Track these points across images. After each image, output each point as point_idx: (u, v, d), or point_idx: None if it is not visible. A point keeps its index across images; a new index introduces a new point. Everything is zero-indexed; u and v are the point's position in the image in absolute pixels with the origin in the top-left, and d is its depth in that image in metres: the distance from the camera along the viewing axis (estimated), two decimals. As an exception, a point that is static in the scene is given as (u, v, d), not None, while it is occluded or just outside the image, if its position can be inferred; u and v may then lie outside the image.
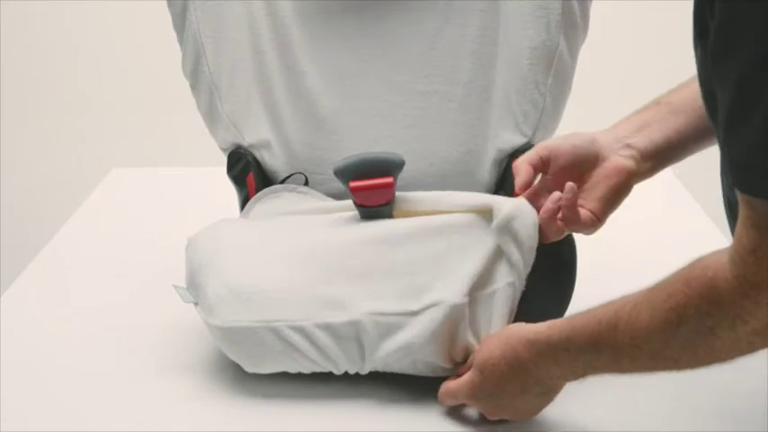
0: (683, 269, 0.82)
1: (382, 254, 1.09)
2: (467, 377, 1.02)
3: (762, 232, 0.76)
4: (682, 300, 0.81)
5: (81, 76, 2.53)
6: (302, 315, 1.06)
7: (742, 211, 0.77)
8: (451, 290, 1.05)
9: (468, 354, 1.06)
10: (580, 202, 1.06)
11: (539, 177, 1.09)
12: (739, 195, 0.77)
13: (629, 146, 1.07)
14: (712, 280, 0.79)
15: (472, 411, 1.05)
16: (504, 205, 1.06)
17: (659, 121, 1.07)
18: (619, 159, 1.07)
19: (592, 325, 0.89)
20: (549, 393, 0.99)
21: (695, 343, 0.82)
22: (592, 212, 1.06)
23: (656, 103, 1.10)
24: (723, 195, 0.93)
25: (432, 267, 1.07)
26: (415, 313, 1.05)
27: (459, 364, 1.06)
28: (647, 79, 2.41)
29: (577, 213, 1.04)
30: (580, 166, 1.07)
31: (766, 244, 0.75)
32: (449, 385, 1.04)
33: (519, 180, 1.07)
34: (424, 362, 1.06)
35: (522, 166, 1.07)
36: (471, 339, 1.06)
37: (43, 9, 2.48)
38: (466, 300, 1.05)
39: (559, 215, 1.04)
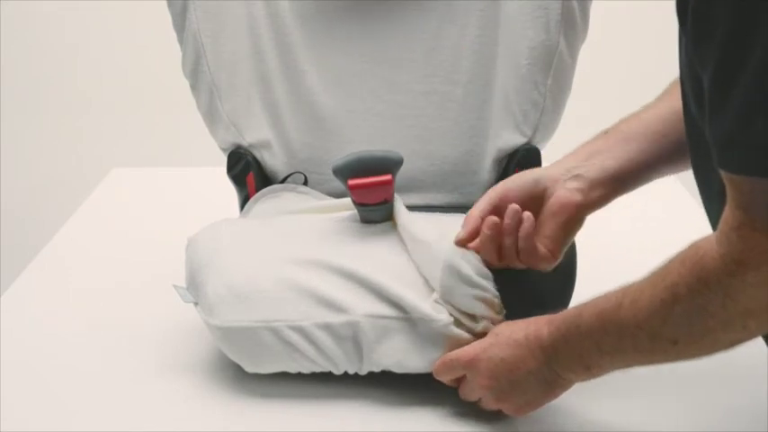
0: (681, 250, 0.84)
1: (381, 257, 1.09)
2: (476, 341, 1.01)
3: (745, 211, 0.77)
4: (676, 278, 0.82)
5: (81, 76, 2.53)
6: (302, 315, 1.05)
7: (728, 192, 0.78)
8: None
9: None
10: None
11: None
12: (723, 175, 0.78)
13: (577, 176, 1.05)
14: (702, 258, 0.80)
15: (474, 414, 1.05)
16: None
17: (610, 148, 1.06)
18: (564, 194, 1.04)
19: (601, 303, 0.91)
20: (553, 386, 0.97)
21: (690, 322, 0.83)
22: (547, 249, 1.05)
23: (605, 133, 1.08)
24: (701, 195, 0.94)
25: (430, 281, 1.06)
26: (410, 319, 1.05)
27: None
28: (647, 79, 2.41)
29: (534, 246, 1.03)
30: (530, 205, 1.05)
31: (750, 222, 0.76)
32: (448, 354, 1.03)
33: (465, 231, 1.05)
34: (419, 363, 1.06)
35: (471, 219, 1.06)
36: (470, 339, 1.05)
37: (43, 9, 2.48)
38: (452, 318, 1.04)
39: (519, 245, 1.03)
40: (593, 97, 2.22)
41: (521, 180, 1.07)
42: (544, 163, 1.26)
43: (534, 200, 1.05)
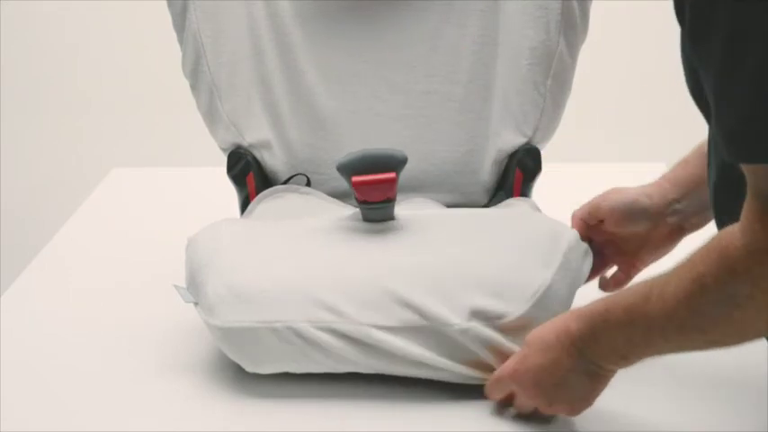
0: (707, 241, 0.83)
1: (383, 257, 1.09)
2: (514, 355, 1.01)
3: (762, 198, 0.77)
4: (702, 269, 0.82)
5: (81, 76, 2.53)
6: (302, 315, 1.05)
7: (748, 181, 0.78)
8: (454, 311, 1.04)
9: (485, 367, 1.05)
10: (622, 259, 1.15)
11: None
12: (743, 166, 0.78)
13: (677, 211, 1.11)
14: (726, 249, 0.80)
15: (475, 413, 1.05)
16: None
17: (705, 179, 1.08)
18: (666, 230, 1.11)
19: (628, 298, 0.91)
20: (596, 377, 0.96)
21: (717, 312, 0.82)
22: (630, 269, 1.14)
23: (701, 154, 1.10)
24: (709, 185, 0.94)
25: (433, 283, 1.06)
26: (415, 329, 1.04)
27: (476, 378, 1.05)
28: (647, 79, 2.41)
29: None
30: (626, 222, 1.12)
31: (767, 209, 0.76)
32: (494, 374, 1.03)
33: None
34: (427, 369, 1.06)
35: (575, 220, 1.15)
36: (487, 355, 1.05)
37: (43, 9, 2.48)
38: (469, 324, 1.04)
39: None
40: (593, 97, 2.22)
41: (624, 199, 1.12)
42: (544, 163, 1.26)
43: (632, 220, 1.12)
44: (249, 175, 1.28)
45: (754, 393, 1.05)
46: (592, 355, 0.95)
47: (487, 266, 1.07)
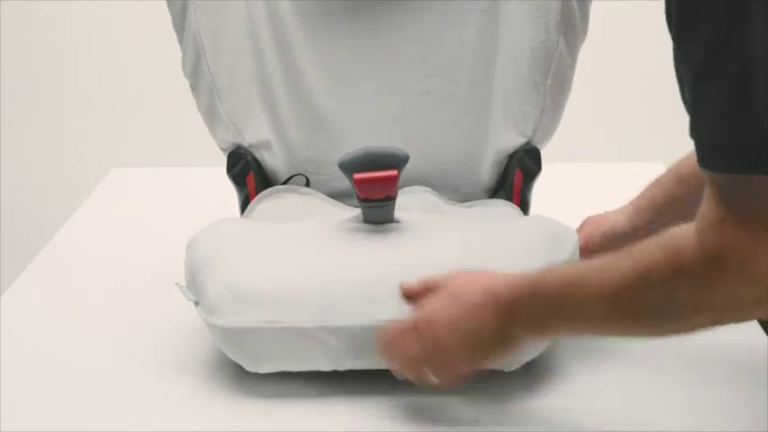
0: (659, 236, 0.84)
1: (385, 257, 1.09)
2: (429, 302, 0.98)
3: (723, 206, 0.77)
4: (649, 263, 0.82)
5: (81, 76, 2.53)
6: (303, 315, 1.05)
7: (708, 188, 0.79)
8: None
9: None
10: None
11: None
12: (705, 174, 0.78)
13: (654, 231, 1.11)
14: (678, 247, 0.80)
15: (477, 412, 1.05)
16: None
17: (681, 200, 1.12)
18: None
19: (566, 270, 0.92)
20: (508, 344, 0.96)
21: (655, 306, 0.83)
22: None
23: (677, 176, 1.14)
24: None
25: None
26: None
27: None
28: (647, 79, 2.41)
29: None
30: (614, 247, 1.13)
31: (727, 217, 0.77)
32: (402, 320, 1.00)
33: None
34: None
35: None
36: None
37: (43, 9, 2.48)
38: None
39: None
40: (593, 97, 2.22)
41: (602, 229, 1.16)
42: (544, 163, 1.27)
43: (612, 246, 1.11)
44: (249, 175, 1.28)
45: (754, 392, 1.05)
46: (512, 322, 0.94)
47: (489, 265, 1.07)
